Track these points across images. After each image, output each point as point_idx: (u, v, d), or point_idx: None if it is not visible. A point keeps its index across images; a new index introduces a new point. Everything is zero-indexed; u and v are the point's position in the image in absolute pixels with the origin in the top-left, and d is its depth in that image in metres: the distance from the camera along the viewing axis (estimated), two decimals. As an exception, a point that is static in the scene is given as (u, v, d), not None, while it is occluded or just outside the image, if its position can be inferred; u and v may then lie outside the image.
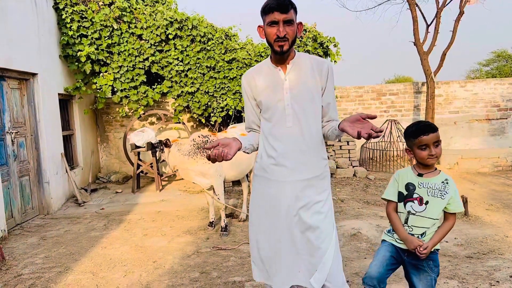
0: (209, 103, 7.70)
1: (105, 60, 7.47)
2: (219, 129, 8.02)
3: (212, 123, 7.95)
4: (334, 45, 7.82)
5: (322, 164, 2.28)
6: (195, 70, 7.60)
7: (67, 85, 7.37)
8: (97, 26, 7.22)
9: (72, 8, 7.05)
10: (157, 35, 7.43)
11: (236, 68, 7.57)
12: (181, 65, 7.57)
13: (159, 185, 7.70)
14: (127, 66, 7.52)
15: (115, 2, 7.35)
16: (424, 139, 2.30)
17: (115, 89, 7.73)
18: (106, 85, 7.54)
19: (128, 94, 7.70)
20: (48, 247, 4.69)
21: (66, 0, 7.02)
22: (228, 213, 5.71)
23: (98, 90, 7.67)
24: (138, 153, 7.67)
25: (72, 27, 7.08)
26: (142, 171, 8.02)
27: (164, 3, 9.06)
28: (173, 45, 7.54)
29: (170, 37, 7.43)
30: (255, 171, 2.40)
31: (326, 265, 2.18)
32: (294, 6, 2.13)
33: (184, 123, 8.35)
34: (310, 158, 2.23)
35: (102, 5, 7.31)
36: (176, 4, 9.24)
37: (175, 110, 8.02)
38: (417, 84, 10.45)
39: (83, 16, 7.21)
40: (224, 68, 7.59)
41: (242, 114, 7.58)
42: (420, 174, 2.36)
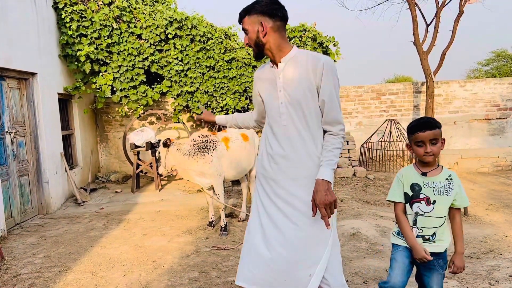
0: (208, 103, 7.70)
1: (104, 59, 7.46)
2: (219, 128, 8.01)
3: (211, 123, 7.95)
4: (334, 44, 7.82)
5: (318, 164, 2.20)
6: (195, 70, 7.60)
7: (67, 84, 7.37)
8: (96, 25, 7.22)
9: (71, 7, 7.05)
10: (156, 35, 7.42)
11: (235, 67, 7.56)
12: (180, 64, 7.57)
13: (159, 184, 7.70)
14: (127, 66, 7.52)
15: (115, 1, 7.35)
16: (419, 136, 2.26)
17: (115, 88, 7.73)
18: (105, 84, 7.54)
19: (127, 94, 7.70)
20: (47, 247, 4.68)
21: (66, 0, 7.03)
22: (227, 212, 5.71)
23: (98, 90, 7.67)
24: (138, 152, 7.67)
25: (71, 27, 7.08)
26: (141, 171, 8.01)
27: (163, 3, 9.06)
28: (172, 44, 7.54)
29: (170, 36, 7.43)
30: (256, 169, 2.44)
31: (320, 271, 2.17)
32: (249, 11, 2.20)
33: (183, 123, 8.35)
34: (307, 158, 2.21)
35: (101, 4, 7.30)
36: (175, 3, 9.25)
37: (175, 110, 8.02)
38: (416, 83, 10.45)
39: (83, 15, 7.20)
40: (223, 67, 7.59)
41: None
42: (424, 174, 2.32)
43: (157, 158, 7.51)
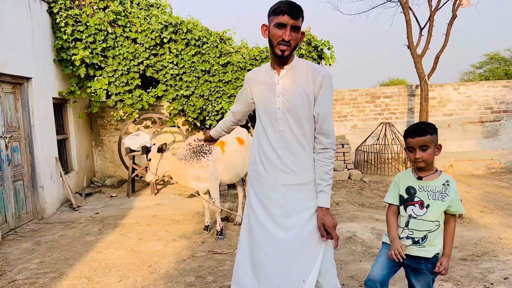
0: (204, 107, 7.71)
1: (99, 64, 7.45)
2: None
3: (207, 127, 7.96)
4: (328, 48, 7.85)
5: (313, 171, 2.25)
6: (190, 74, 7.61)
7: (62, 89, 7.35)
8: (91, 30, 7.21)
9: (66, 12, 7.04)
10: (151, 39, 7.43)
11: (231, 71, 7.58)
12: (176, 68, 7.57)
13: (154, 189, 7.69)
14: (122, 70, 7.52)
15: (110, 6, 7.35)
16: (409, 142, 2.32)
17: (110, 92, 7.72)
18: (100, 89, 7.52)
19: (122, 98, 7.69)
20: (42, 252, 4.66)
21: (61, 4, 7.01)
22: (223, 216, 5.71)
23: (93, 94, 7.65)
24: (133, 157, 7.66)
25: (66, 31, 7.07)
26: (137, 175, 8.00)
27: (158, 7, 9.06)
28: (167, 48, 7.55)
29: (165, 40, 7.43)
30: (249, 173, 2.43)
31: (313, 275, 2.18)
32: (303, 15, 2.17)
33: (179, 127, 8.34)
34: (301, 164, 2.23)
35: (96, 9, 7.30)
36: (170, 8, 9.26)
37: (170, 114, 8.02)
38: (411, 87, 10.51)
39: (78, 20, 7.19)
40: (219, 71, 7.60)
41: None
42: (420, 178, 2.35)
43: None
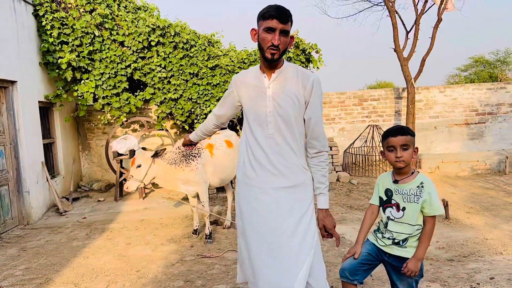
0: (192, 110, 7.69)
1: (86, 67, 7.39)
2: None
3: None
4: (316, 51, 7.89)
5: (303, 173, 2.29)
6: (178, 77, 7.58)
7: (48, 92, 7.27)
8: (78, 33, 7.15)
9: (52, 14, 6.97)
10: (139, 42, 7.39)
11: (219, 74, 7.57)
12: (163, 71, 7.54)
13: (142, 192, 7.63)
14: (109, 73, 7.46)
15: (97, 9, 7.30)
16: (390, 140, 2.34)
17: (97, 96, 7.65)
18: (87, 92, 7.45)
19: (110, 101, 7.63)
20: (28, 258, 4.59)
21: (46, 7, 6.94)
22: (212, 220, 5.69)
23: (80, 98, 7.58)
24: (121, 160, 7.60)
25: (52, 34, 6.99)
26: (124, 179, 7.93)
27: (146, 10, 9.02)
28: (155, 51, 7.52)
29: (153, 43, 7.40)
30: (238, 177, 2.42)
31: (305, 272, 2.19)
32: (292, 19, 2.18)
33: (167, 130, 8.30)
34: (291, 166, 2.25)
35: (83, 12, 7.24)
36: (158, 11, 9.22)
37: (158, 117, 7.98)
38: (397, 89, 10.61)
39: (64, 23, 7.12)
40: (207, 74, 7.59)
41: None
42: (396, 181, 2.40)
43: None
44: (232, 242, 4.83)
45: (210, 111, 7.53)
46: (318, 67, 7.96)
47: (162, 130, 8.24)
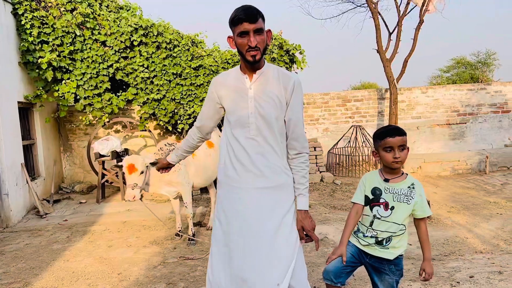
0: (176, 110, 7.63)
1: (67, 67, 7.27)
2: (183, 137, 7.94)
3: (179, 131, 7.87)
4: (300, 52, 7.91)
5: (285, 174, 2.29)
6: (161, 77, 7.51)
7: (28, 93, 7.13)
8: (58, 32, 7.03)
9: (32, 13, 6.84)
10: (121, 42, 7.30)
11: (203, 75, 7.53)
12: (146, 72, 7.47)
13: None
14: (91, 73, 7.35)
15: (78, 8, 7.19)
16: (389, 141, 2.33)
17: (78, 96, 7.54)
18: (68, 92, 7.33)
19: (92, 102, 7.52)
20: (6, 262, 4.49)
21: (26, 5, 6.81)
22: (196, 221, 5.65)
23: (61, 98, 7.45)
24: (103, 162, 7.50)
25: (32, 33, 6.87)
26: (107, 181, 7.83)
27: (128, 10, 8.93)
28: (138, 51, 7.44)
29: (135, 43, 7.32)
30: (219, 178, 2.40)
31: (287, 279, 2.18)
32: (262, 14, 2.15)
33: (150, 131, 8.22)
34: (272, 167, 2.24)
35: (64, 11, 7.12)
36: (141, 10, 9.14)
37: (141, 118, 7.90)
38: (380, 90, 10.71)
39: (44, 22, 7.00)
40: (191, 75, 7.54)
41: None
42: (386, 180, 2.39)
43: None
44: (215, 243, 4.80)
45: (193, 112, 7.49)
46: (302, 68, 7.98)
47: (145, 131, 8.15)
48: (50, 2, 7.07)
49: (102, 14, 7.45)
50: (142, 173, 4.29)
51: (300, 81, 2.27)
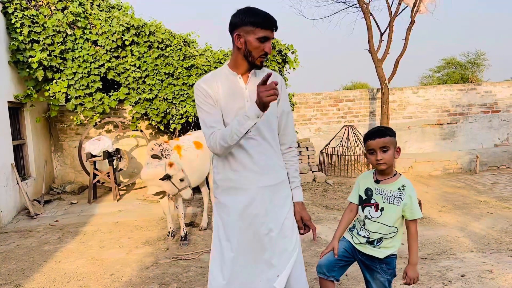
0: (168, 110, 7.59)
1: (58, 66, 7.21)
2: (179, 136, 7.92)
3: (171, 130, 7.83)
4: (292, 52, 7.92)
5: (283, 170, 2.32)
6: (153, 77, 7.48)
7: (18, 92, 7.06)
8: (49, 31, 6.97)
9: (22, 12, 6.77)
10: (113, 41, 7.26)
11: (195, 74, 7.51)
12: (138, 71, 7.43)
13: (117, 194, 7.50)
14: (82, 73, 7.30)
15: (69, 7, 7.13)
16: (370, 144, 2.36)
17: (69, 96, 7.48)
18: (59, 92, 7.28)
19: (83, 102, 7.47)
20: (-4, 264, 4.45)
21: (16, 4, 6.74)
22: (188, 221, 5.64)
23: (51, 98, 7.39)
24: (94, 162, 7.45)
25: (22, 32, 6.80)
26: (98, 181, 7.78)
27: (120, 9, 8.87)
28: (130, 51, 7.40)
29: (127, 43, 7.28)
30: (218, 182, 2.32)
31: (287, 270, 2.20)
32: None
33: (142, 131, 8.18)
34: (273, 165, 2.27)
35: (54, 10, 7.07)
36: (132, 10, 9.08)
37: (133, 118, 7.86)
38: (372, 90, 10.77)
39: (34, 21, 6.93)
40: (183, 74, 7.52)
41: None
42: (377, 181, 2.41)
43: (114, 167, 7.33)
44: (208, 243, 4.80)
45: (186, 112, 7.46)
46: (294, 68, 8.00)
47: (137, 131, 8.11)
48: (40, 1, 7.01)
49: (94, 13, 7.40)
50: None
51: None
